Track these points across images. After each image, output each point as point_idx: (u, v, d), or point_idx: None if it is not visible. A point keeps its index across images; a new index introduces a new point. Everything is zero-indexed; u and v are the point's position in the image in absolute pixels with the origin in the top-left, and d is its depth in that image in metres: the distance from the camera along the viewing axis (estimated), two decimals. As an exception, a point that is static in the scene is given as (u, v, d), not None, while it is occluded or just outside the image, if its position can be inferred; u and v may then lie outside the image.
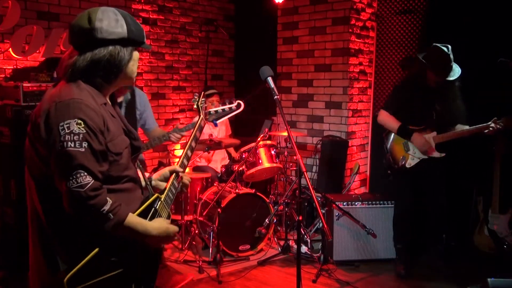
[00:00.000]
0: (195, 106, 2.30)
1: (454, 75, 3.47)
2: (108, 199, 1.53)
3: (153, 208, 1.73)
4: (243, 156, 4.30)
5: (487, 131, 3.45)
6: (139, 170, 1.83)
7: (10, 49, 4.16)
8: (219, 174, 4.82)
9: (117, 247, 1.60)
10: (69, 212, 1.50)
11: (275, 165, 4.29)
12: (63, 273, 1.52)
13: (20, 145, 1.69)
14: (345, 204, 4.03)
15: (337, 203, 3.99)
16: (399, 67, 4.98)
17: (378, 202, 4.09)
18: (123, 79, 1.70)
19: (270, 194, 4.87)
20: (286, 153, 4.62)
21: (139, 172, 1.82)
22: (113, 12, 1.63)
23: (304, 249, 4.15)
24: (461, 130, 3.58)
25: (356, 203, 4.06)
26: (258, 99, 4.87)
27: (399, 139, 3.77)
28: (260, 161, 4.24)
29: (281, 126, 5.32)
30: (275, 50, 5.59)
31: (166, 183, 1.93)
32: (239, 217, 4.14)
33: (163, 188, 1.91)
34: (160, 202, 1.78)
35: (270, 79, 2.32)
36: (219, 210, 3.86)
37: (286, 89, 5.54)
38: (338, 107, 5.12)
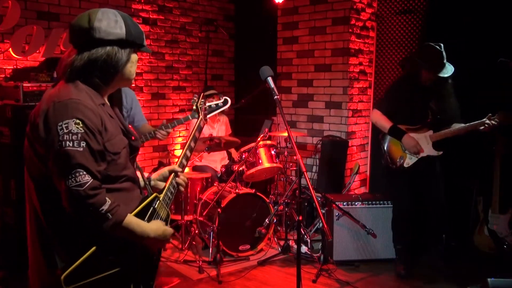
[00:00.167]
0: (194, 107, 2.31)
1: (447, 73, 3.48)
2: (107, 199, 1.53)
3: (151, 208, 1.74)
4: (243, 156, 4.30)
5: (483, 127, 3.45)
6: (138, 170, 1.83)
7: (10, 49, 4.16)
8: (219, 174, 4.82)
9: (115, 246, 1.60)
10: (68, 210, 1.51)
11: (275, 165, 4.29)
12: (60, 271, 1.53)
13: (20, 145, 1.69)
14: (345, 204, 4.03)
15: (337, 203, 3.99)
16: (399, 67, 4.97)
17: (378, 202, 4.09)
18: (120, 80, 1.71)
19: (270, 194, 4.87)
20: (286, 153, 4.62)
21: (138, 172, 1.82)
22: (113, 13, 1.64)
23: (304, 249, 4.15)
24: (457, 128, 3.58)
25: (356, 203, 4.06)
26: (258, 99, 4.88)
27: (396, 139, 3.77)
28: (260, 161, 4.24)
29: (281, 126, 5.32)
30: (275, 50, 5.59)
31: (165, 183, 1.94)
32: (239, 217, 4.14)
33: (162, 188, 1.91)
34: (158, 201, 1.78)
35: (270, 79, 2.32)
36: (219, 210, 3.86)
37: (286, 89, 5.54)
38: (338, 107, 5.12)
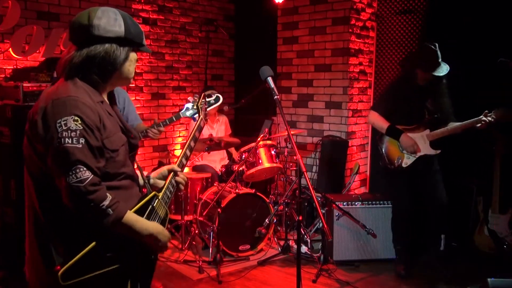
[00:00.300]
0: (194, 107, 2.31)
1: (442, 72, 3.49)
2: (108, 194, 1.54)
3: (150, 206, 1.74)
4: (243, 156, 4.30)
5: (479, 125, 3.46)
6: (138, 169, 1.84)
7: (10, 49, 4.16)
8: (219, 174, 4.82)
9: (114, 243, 1.61)
10: (69, 207, 1.51)
11: (275, 165, 4.28)
12: (59, 266, 1.53)
13: (20, 145, 1.69)
14: (345, 204, 4.03)
15: (337, 203, 3.99)
16: (399, 67, 4.97)
17: (378, 202, 4.09)
18: (119, 79, 1.72)
19: (270, 194, 4.87)
20: (286, 153, 4.62)
21: (137, 171, 1.83)
22: (113, 12, 1.66)
23: (304, 249, 4.15)
24: (453, 126, 3.59)
25: (356, 203, 4.06)
26: (258, 99, 4.87)
27: (393, 140, 3.77)
28: (260, 161, 4.24)
29: (281, 126, 5.31)
30: (275, 50, 5.59)
31: (164, 181, 1.94)
32: (239, 217, 4.14)
33: (161, 187, 1.91)
34: (157, 200, 1.79)
35: (270, 79, 2.33)
36: (219, 210, 3.86)
37: (286, 89, 5.54)
38: (338, 107, 5.12)
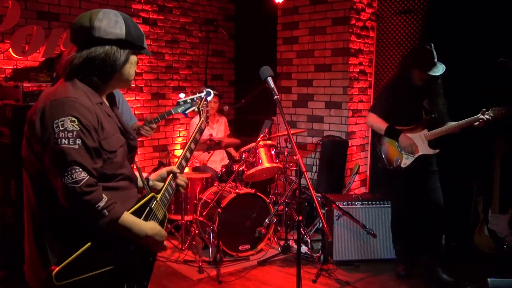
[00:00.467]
0: (196, 109, 2.31)
1: (439, 71, 3.50)
2: (103, 195, 1.54)
3: (148, 207, 1.74)
4: (243, 156, 4.30)
5: (477, 123, 3.46)
6: (137, 170, 1.83)
7: (10, 49, 4.16)
8: (219, 174, 4.82)
9: (110, 244, 1.61)
10: (65, 207, 1.51)
11: (275, 165, 4.28)
12: (55, 266, 1.53)
13: (20, 145, 1.70)
14: (345, 204, 4.03)
15: (337, 203, 3.99)
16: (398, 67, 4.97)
17: (378, 202, 4.09)
18: (119, 81, 1.72)
19: (270, 194, 4.87)
20: (286, 153, 4.62)
21: (136, 172, 1.82)
22: (114, 14, 1.66)
23: (304, 249, 4.15)
24: (451, 126, 3.59)
25: (356, 203, 4.06)
26: (258, 99, 4.87)
27: (392, 140, 3.78)
28: (260, 161, 4.24)
29: (281, 126, 5.31)
30: (275, 50, 5.59)
31: (163, 183, 1.93)
32: (239, 217, 4.14)
33: (160, 188, 1.91)
34: (156, 201, 1.79)
35: (270, 79, 2.33)
36: (219, 210, 3.86)
37: (286, 89, 5.54)
38: (338, 107, 5.12)
